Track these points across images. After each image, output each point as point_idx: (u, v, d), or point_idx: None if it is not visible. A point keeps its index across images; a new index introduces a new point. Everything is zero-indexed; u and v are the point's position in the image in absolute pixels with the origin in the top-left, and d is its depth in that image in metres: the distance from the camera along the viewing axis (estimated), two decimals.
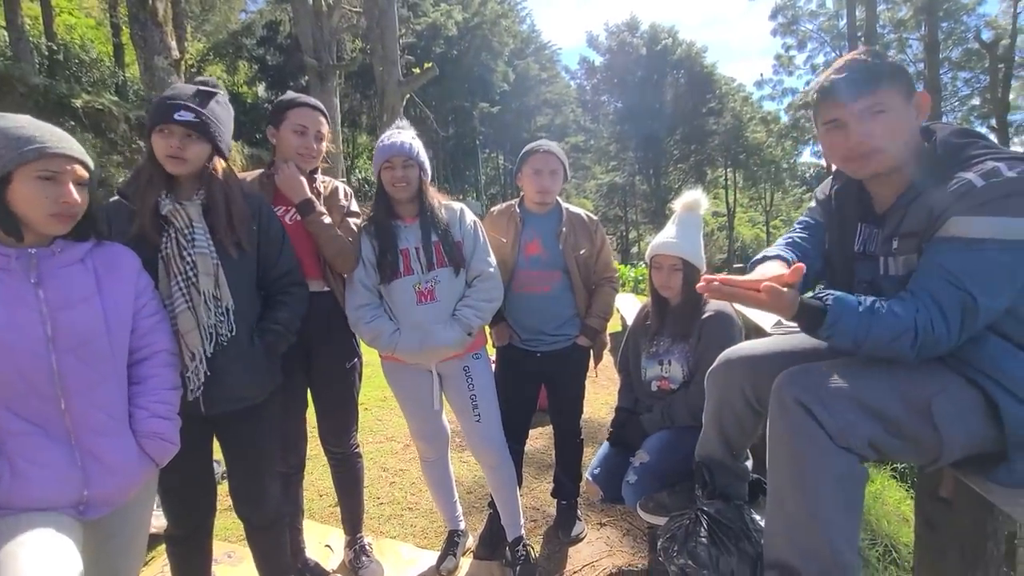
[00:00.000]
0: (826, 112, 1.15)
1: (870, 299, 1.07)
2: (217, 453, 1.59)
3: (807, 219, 1.41)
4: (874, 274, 1.20)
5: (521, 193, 2.17)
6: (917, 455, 1.08)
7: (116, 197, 1.41)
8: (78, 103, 9.74)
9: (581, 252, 2.08)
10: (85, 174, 1.15)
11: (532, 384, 2.20)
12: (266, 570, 1.71)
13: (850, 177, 1.28)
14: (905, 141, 1.10)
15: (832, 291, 1.08)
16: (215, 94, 1.43)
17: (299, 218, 1.71)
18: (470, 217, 1.89)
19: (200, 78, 1.44)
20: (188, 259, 1.36)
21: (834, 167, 1.33)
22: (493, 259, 1.89)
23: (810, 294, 1.12)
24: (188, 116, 1.36)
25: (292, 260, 1.59)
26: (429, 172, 1.84)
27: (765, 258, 1.30)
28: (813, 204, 1.43)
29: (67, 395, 1.10)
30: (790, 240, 1.37)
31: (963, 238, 1.00)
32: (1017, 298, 1.02)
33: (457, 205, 1.90)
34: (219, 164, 1.46)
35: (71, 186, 1.11)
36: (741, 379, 1.34)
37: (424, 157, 1.81)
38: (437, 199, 1.86)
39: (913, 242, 1.09)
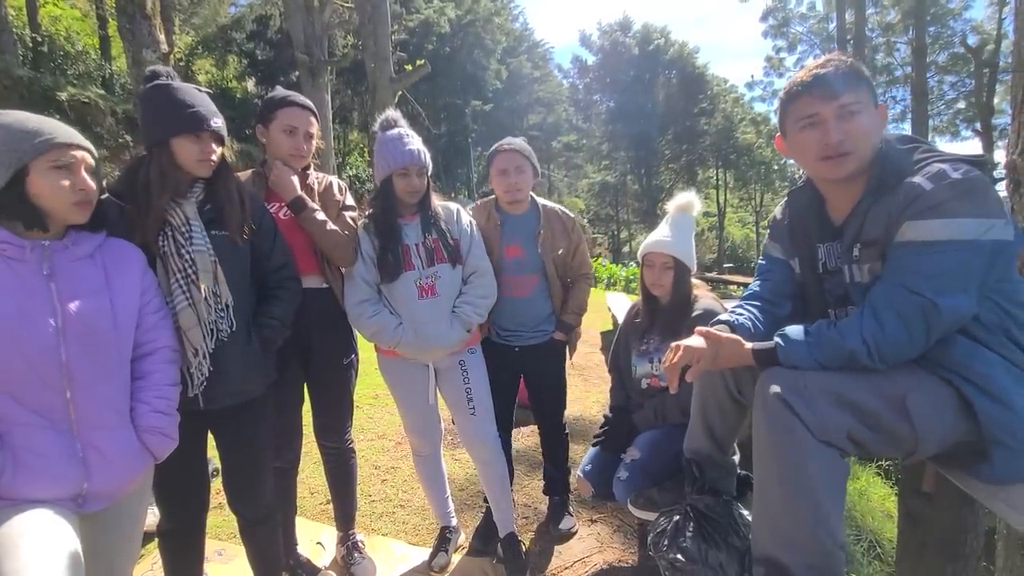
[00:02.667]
0: (804, 108, 1.14)
1: (816, 324, 1.14)
2: (211, 450, 1.58)
3: (764, 263, 1.46)
4: (842, 286, 1.23)
5: (494, 194, 2.14)
6: (895, 448, 1.11)
7: (106, 195, 1.38)
8: (63, 96, 9.58)
9: (559, 252, 2.08)
10: (92, 161, 1.17)
11: (509, 374, 2.19)
12: (259, 566, 1.71)
13: (806, 198, 1.32)
14: (872, 145, 1.13)
15: (782, 329, 1.16)
16: (210, 94, 1.48)
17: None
18: (466, 216, 1.92)
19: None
20: (187, 257, 1.36)
21: (799, 181, 1.38)
22: (487, 256, 1.92)
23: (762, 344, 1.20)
24: (220, 123, 1.41)
25: (285, 254, 1.60)
26: (430, 171, 1.86)
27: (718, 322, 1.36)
28: (768, 240, 1.47)
29: (73, 387, 1.11)
30: (752, 304, 1.41)
31: (917, 242, 1.04)
32: (980, 301, 1.06)
33: (453, 205, 1.93)
34: (226, 157, 1.50)
35: (84, 173, 1.14)
36: (721, 370, 1.36)
37: (430, 160, 1.84)
38: (436, 197, 1.89)
39: (875, 250, 1.13)
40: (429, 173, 1.84)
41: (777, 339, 1.16)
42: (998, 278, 1.06)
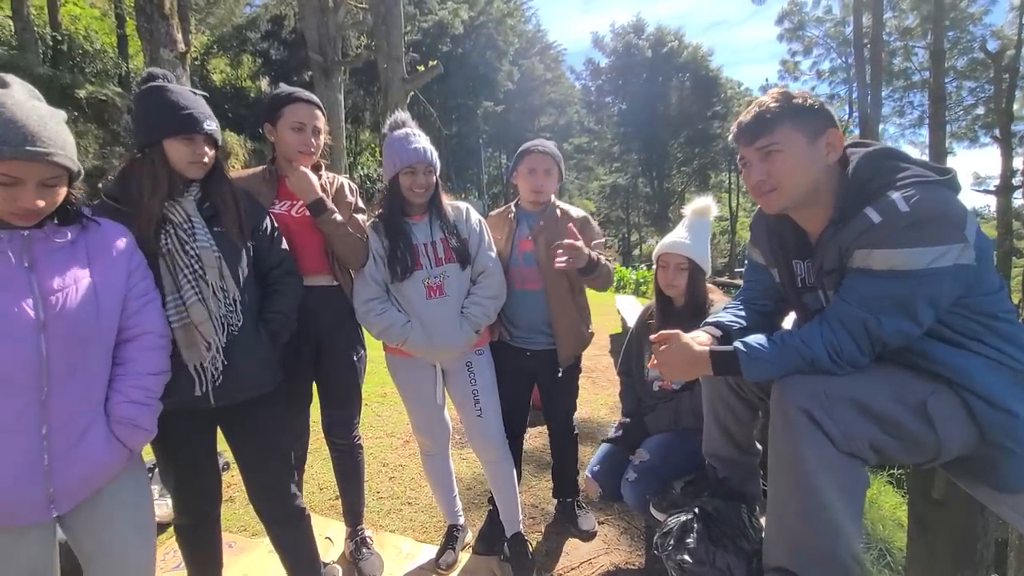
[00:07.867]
0: (740, 151, 1.24)
1: (778, 333, 1.18)
2: (222, 444, 1.60)
3: (749, 267, 1.50)
4: (821, 304, 1.25)
5: (518, 194, 2.18)
6: (916, 455, 1.11)
7: (101, 199, 1.38)
8: (82, 94, 9.75)
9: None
10: (54, 173, 1.07)
11: (524, 380, 2.19)
12: (296, 569, 1.68)
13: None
14: (810, 178, 1.16)
15: (744, 338, 1.20)
16: (206, 97, 1.48)
17: (307, 212, 1.73)
18: (475, 215, 1.93)
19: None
20: (192, 253, 1.37)
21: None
22: (496, 255, 1.93)
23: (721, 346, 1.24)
24: (214, 126, 1.42)
25: (283, 251, 1.62)
26: (439, 170, 1.87)
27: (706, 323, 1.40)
28: (750, 244, 1.49)
29: (51, 381, 1.07)
30: (740, 300, 1.48)
31: (864, 269, 1.08)
32: (945, 316, 1.08)
33: (462, 204, 1.93)
34: (219, 160, 1.51)
35: (32, 189, 1.04)
36: None
37: (437, 159, 1.84)
38: (445, 197, 1.90)
39: (836, 277, 1.17)
40: (437, 172, 1.85)
41: (738, 346, 1.17)
42: (963, 295, 1.07)
